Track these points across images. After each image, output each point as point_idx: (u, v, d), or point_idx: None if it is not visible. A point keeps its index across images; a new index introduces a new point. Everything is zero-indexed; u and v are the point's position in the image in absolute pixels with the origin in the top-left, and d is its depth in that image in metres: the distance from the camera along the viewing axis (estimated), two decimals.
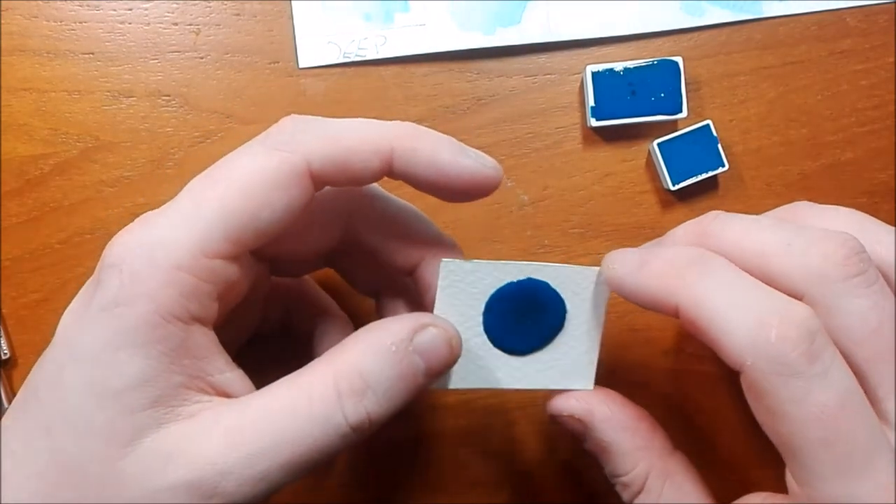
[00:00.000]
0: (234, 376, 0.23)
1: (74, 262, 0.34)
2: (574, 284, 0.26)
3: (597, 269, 0.26)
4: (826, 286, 0.22)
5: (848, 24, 0.36)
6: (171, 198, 0.34)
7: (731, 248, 0.24)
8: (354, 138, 0.23)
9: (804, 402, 0.21)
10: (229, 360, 0.23)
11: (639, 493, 0.26)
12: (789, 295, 0.22)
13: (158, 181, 0.34)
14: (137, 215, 0.34)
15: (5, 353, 0.33)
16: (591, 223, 0.35)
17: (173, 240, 0.21)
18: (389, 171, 0.23)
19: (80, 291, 0.23)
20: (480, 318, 0.26)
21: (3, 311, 0.34)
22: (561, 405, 0.27)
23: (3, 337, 0.34)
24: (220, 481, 0.21)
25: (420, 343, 0.23)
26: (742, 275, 0.23)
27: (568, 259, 0.35)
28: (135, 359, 0.21)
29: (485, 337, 0.26)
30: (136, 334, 0.21)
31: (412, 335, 0.23)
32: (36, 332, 0.34)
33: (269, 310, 0.29)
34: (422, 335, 0.23)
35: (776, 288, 0.22)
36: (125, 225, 0.34)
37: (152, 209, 0.30)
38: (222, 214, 0.22)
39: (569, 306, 0.26)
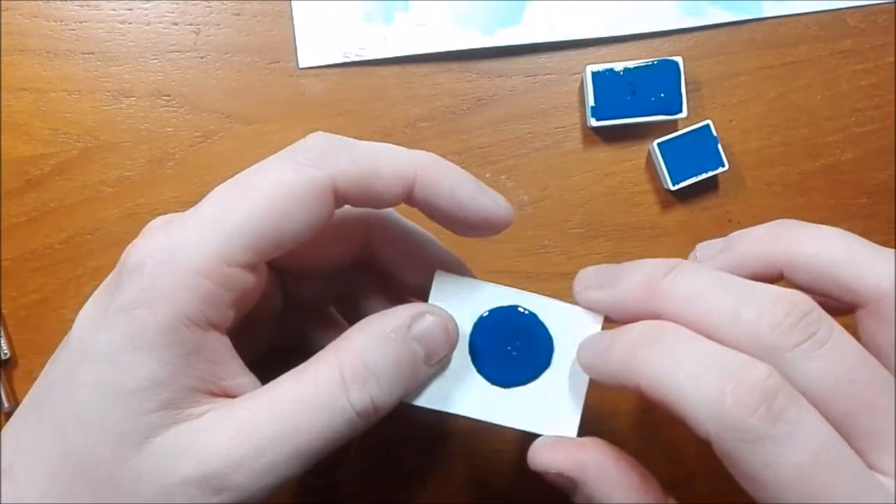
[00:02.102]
0: (246, 381, 0.23)
1: (74, 262, 0.34)
2: (564, 322, 0.26)
3: (588, 311, 0.26)
4: (777, 356, 0.22)
5: (848, 24, 0.36)
6: (172, 198, 0.35)
7: (680, 314, 0.23)
8: (380, 162, 0.23)
9: (776, 464, 0.20)
10: (242, 365, 0.24)
11: None
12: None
13: (158, 181, 0.34)
14: (137, 215, 0.34)
15: (5, 353, 0.33)
16: (591, 223, 0.35)
17: (196, 245, 0.22)
18: (409, 198, 0.24)
19: (97, 292, 0.23)
20: (467, 339, 0.25)
21: (3, 311, 0.34)
22: (546, 460, 0.25)
23: (3, 337, 0.34)
24: (229, 474, 0.21)
25: (418, 330, 0.24)
26: (697, 341, 0.22)
27: (568, 259, 0.35)
28: (150, 361, 0.21)
29: (468, 359, 0.25)
30: (152, 337, 0.21)
31: (410, 323, 0.24)
32: (36, 332, 0.34)
33: (285, 322, 0.29)
34: (419, 323, 0.24)
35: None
36: (125, 225, 0.34)
37: (152, 209, 0.30)
38: (246, 223, 0.22)
39: (556, 344, 0.26)
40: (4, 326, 0.34)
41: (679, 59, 0.34)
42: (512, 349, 0.26)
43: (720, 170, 0.34)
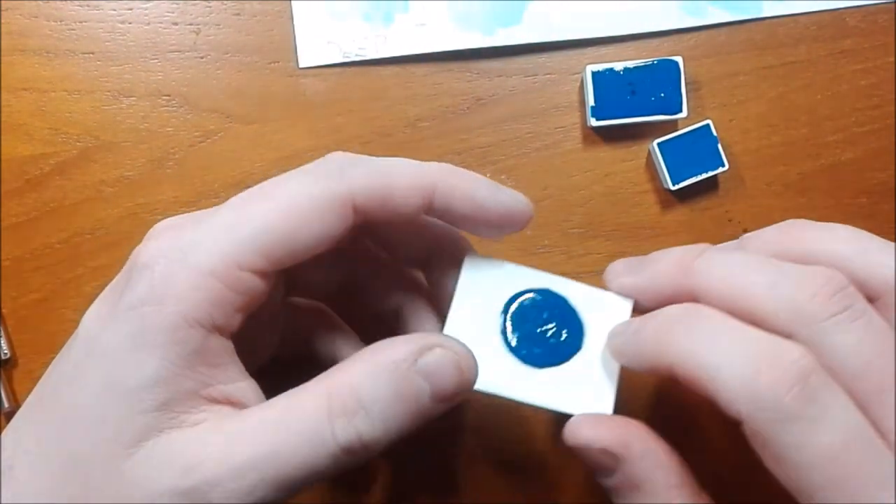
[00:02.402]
0: (245, 385, 0.23)
1: (74, 262, 0.34)
2: (595, 306, 0.26)
3: (619, 296, 0.26)
4: (813, 326, 0.22)
5: (848, 24, 0.36)
6: (172, 198, 0.35)
7: (715, 289, 0.24)
8: (398, 175, 0.23)
9: (807, 445, 0.20)
10: (243, 370, 0.23)
11: None
12: (780, 335, 0.22)
13: (158, 181, 0.34)
14: (137, 215, 0.34)
15: (5, 353, 0.33)
16: (591, 223, 0.35)
17: (209, 245, 0.22)
18: (429, 209, 0.24)
19: (104, 293, 0.23)
20: (498, 319, 0.25)
21: (3, 311, 0.34)
22: (589, 435, 0.24)
23: (3, 337, 0.34)
24: (208, 492, 0.21)
25: (425, 364, 0.22)
26: (729, 322, 0.22)
27: (568, 259, 0.35)
28: (151, 359, 0.21)
29: (500, 339, 0.25)
30: (156, 335, 0.21)
31: (417, 355, 0.22)
32: (36, 332, 0.34)
33: (289, 331, 0.29)
34: (427, 356, 0.22)
35: (765, 329, 0.22)
36: (125, 225, 0.34)
37: (152, 209, 0.30)
38: (262, 229, 0.22)
39: (587, 328, 0.26)
40: (4, 326, 0.34)
41: (679, 59, 0.34)
42: (544, 330, 0.26)
43: (720, 170, 0.34)
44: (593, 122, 0.34)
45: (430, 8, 0.35)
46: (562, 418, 0.25)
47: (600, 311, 0.26)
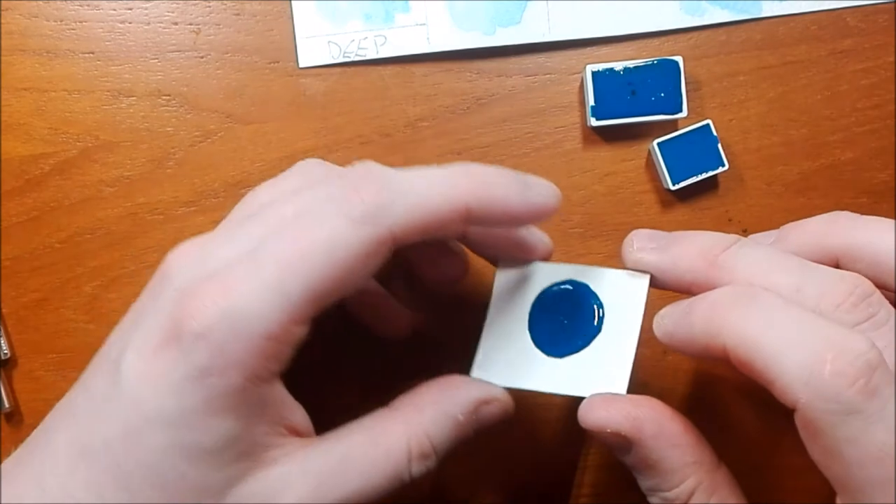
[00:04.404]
0: (301, 413, 0.24)
1: (74, 262, 0.34)
2: (612, 287, 0.27)
3: (635, 273, 0.26)
4: None
5: (848, 24, 0.36)
6: (172, 197, 0.35)
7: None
8: (434, 203, 0.23)
9: (862, 441, 0.20)
10: (289, 395, 0.24)
11: None
12: None
13: (158, 181, 0.34)
14: (137, 215, 0.34)
15: (5, 353, 0.33)
16: (591, 223, 0.35)
17: (263, 310, 0.21)
18: (464, 224, 0.24)
19: (139, 340, 0.22)
20: (527, 318, 0.27)
21: (3, 311, 0.34)
22: (601, 417, 0.25)
23: (3, 337, 0.34)
24: None
25: (483, 414, 0.26)
26: (793, 307, 0.22)
27: (568, 259, 0.35)
28: (225, 422, 0.22)
29: (528, 336, 0.27)
30: (226, 401, 0.21)
31: (478, 407, 0.26)
32: (36, 332, 0.34)
33: None
34: (486, 409, 0.26)
35: None
36: (125, 224, 0.34)
37: (152, 209, 0.30)
38: (309, 287, 0.22)
39: (606, 311, 0.27)
40: (4, 326, 0.34)
41: (679, 59, 0.34)
42: (568, 321, 0.27)
43: (720, 170, 0.34)
44: (593, 122, 0.34)
45: (430, 8, 0.35)
46: (580, 400, 0.26)
47: (618, 289, 0.27)
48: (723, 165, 0.34)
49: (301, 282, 0.22)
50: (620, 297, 0.27)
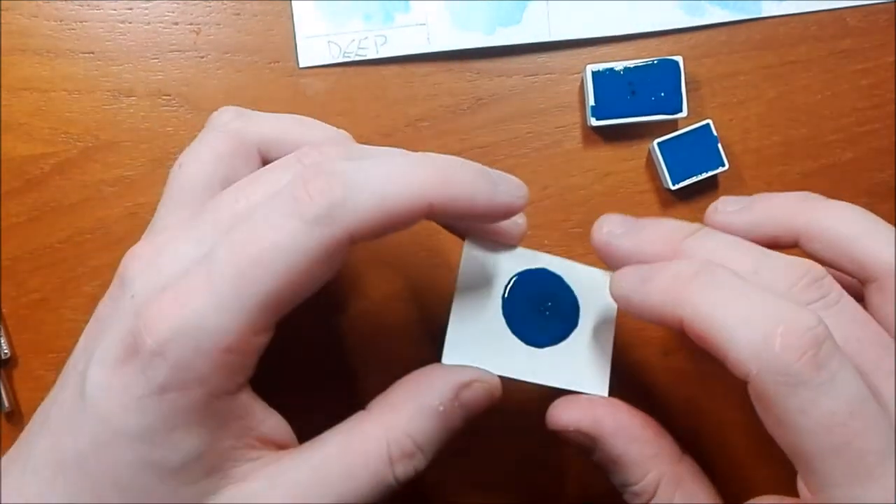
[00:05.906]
0: (273, 422, 0.24)
1: (74, 262, 0.34)
2: (588, 283, 0.27)
3: (608, 272, 0.27)
4: None
5: (848, 24, 0.36)
6: None
7: None
8: (393, 201, 0.22)
9: (812, 411, 0.21)
10: (264, 405, 0.24)
11: (650, 500, 0.26)
12: None
13: (159, 181, 0.34)
14: (138, 215, 0.34)
15: (5, 353, 0.33)
16: (591, 223, 0.35)
17: (221, 324, 0.21)
18: (426, 217, 0.24)
19: (102, 352, 0.22)
20: (500, 301, 0.26)
21: (3, 310, 0.34)
22: (564, 418, 0.26)
23: (3, 337, 0.34)
24: None
25: (466, 400, 0.25)
26: (747, 283, 0.23)
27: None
28: (189, 437, 0.21)
29: (503, 321, 0.26)
30: (188, 417, 0.21)
31: (458, 392, 0.24)
32: (36, 332, 0.34)
33: None
34: (468, 393, 0.25)
35: None
36: (125, 224, 0.34)
37: (152, 209, 0.30)
38: (267, 295, 0.21)
39: (582, 306, 0.27)
40: (4, 326, 0.34)
41: (679, 59, 0.34)
42: (544, 310, 0.27)
43: (720, 169, 0.34)
44: (593, 122, 0.34)
45: (430, 8, 0.35)
46: (564, 393, 0.26)
47: (593, 287, 0.27)
48: (723, 165, 0.34)
49: (256, 291, 0.21)
50: (595, 294, 0.27)
